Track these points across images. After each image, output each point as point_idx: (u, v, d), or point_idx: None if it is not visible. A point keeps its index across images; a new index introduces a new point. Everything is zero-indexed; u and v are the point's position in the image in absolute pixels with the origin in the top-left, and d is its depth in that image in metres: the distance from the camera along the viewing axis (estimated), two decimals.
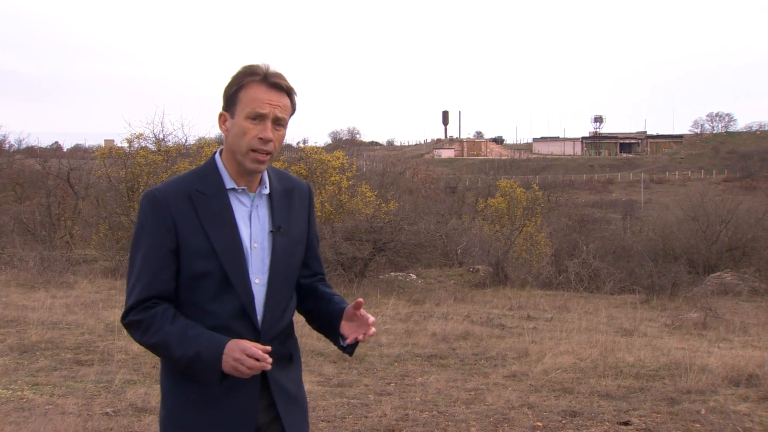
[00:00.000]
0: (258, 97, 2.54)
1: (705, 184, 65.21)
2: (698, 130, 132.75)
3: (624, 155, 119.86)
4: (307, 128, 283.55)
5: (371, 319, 2.67)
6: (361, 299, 2.63)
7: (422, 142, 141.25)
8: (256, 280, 2.57)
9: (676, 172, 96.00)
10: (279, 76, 2.59)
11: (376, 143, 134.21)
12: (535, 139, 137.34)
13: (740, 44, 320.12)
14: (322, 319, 2.80)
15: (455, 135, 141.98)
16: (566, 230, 27.74)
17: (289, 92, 2.62)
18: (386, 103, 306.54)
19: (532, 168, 74.87)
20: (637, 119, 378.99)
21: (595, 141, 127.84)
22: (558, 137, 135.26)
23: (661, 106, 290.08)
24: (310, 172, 20.09)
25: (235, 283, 2.52)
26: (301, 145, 74.60)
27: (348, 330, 2.69)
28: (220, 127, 2.65)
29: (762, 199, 41.80)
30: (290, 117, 2.66)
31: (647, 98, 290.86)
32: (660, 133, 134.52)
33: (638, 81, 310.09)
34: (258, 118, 2.54)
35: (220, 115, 2.64)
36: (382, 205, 20.18)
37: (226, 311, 2.52)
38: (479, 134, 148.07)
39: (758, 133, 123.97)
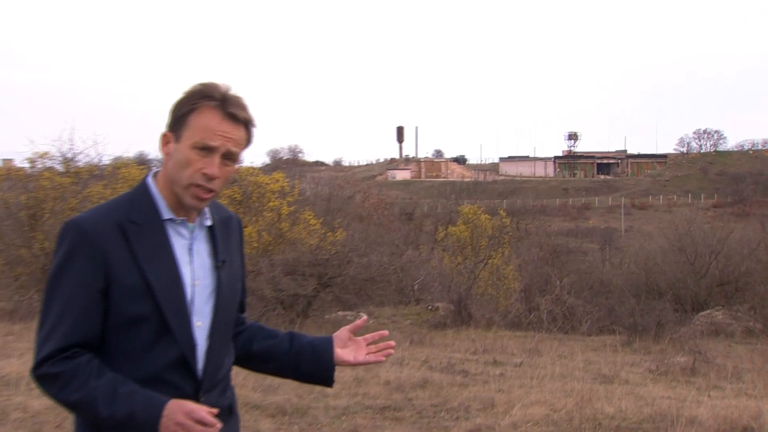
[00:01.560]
0: (210, 126, 2.50)
1: (692, 209, 65.81)
2: (684, 149, 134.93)
3: (602, 177, 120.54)
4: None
5: (384, 331, 2.79)
6: (365, 316, 2.62)
7: (374, 162, 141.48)
8: (198, 323, 2.53)
9: (660, 197, 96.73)
10: (239, 104, 2.54)
11: (322, 163, 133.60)
12: (501, 159, 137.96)
13: (730, 54, 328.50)
14: (290, 357, 2.81)
15: (411, 154, 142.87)
16: (537, 262, 27.65)
17: (247, 124, 2.58)
18: (333, 118, 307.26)
19: (498, 191, 75.18)
20: (617, 137, 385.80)
21: (569, 161, 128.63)
22: (528, 157, 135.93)
23: (643, 123, 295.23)
24: (245, 197, 20.04)
25: (175, 327, 2.47)
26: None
27: (348, 355, 2.76)
28: (161, 149, 2.60)
29: (756, 226, 41.98)
30: (244, 150, 2.62)
31: (627, 113, 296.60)
32: (642, 152, 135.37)
33: (617, 94, 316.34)
34: (206, 149, 2.50)
35: (163, 136, 2.59)
36: (328, 234, 20.15)
37: (163, 360, 2.47)
38: (439, 153, 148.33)
39: (750, 152, 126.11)
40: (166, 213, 2.55)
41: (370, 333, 2.89)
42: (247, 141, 2.60)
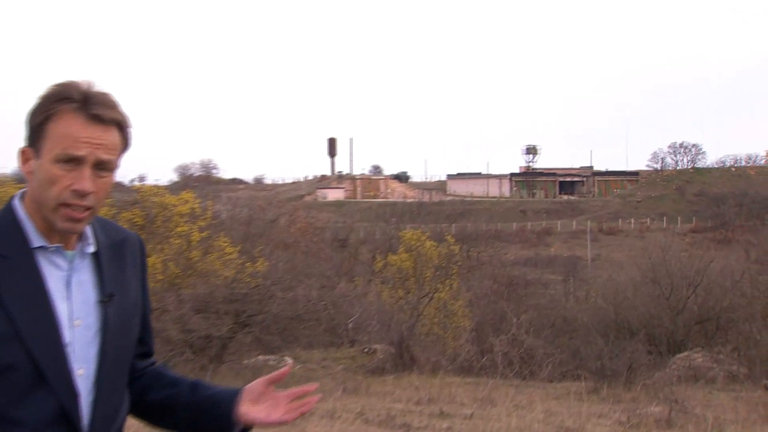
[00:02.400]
0: (72, 133, 2.40)
1: (668, 235, 66.49)
2: (658, 166, 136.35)
3: (565, 197, 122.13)
4: (146, 161, 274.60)
5: (311, 385, 2.69)
6: (290, 363, 2.58)
7: (302, 180, 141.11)
8: (80, 371, 2.43)
9: (631, 220, 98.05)
10: (104, 103, 2.45)
11: (240, 181, 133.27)
12: (449, 176, 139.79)
13: (709, 60, 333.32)
14: (188, 411, 2.72)
15: (345, 170, 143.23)
16: (491, 297, 27.74)
17: (119, 124, 2.49)
18: (253, 129, 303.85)
19: (446, 214, 75.19)
20: (581, 151, 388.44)
21: (527, 179, 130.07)
22: (480, 174, 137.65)
23: (612, 135, 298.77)
24: (148, 221, 19.74)
25: (51, 376, 2.37)
26: (137, 183, 72.40)
27: (260, 413, 2.65)
28: (21, 168, 2.52)
29: (739, 255, 43.34)
30: (121, 156, 2.53)
31: (594, 125, 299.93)
32: (610, 168, 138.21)
33: (582, 103, 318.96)
34: (72, 161, 2.41)
35: (21, 152, 2.50)
36: (247, 264, 20.07)
37: (38, 417, 2.35)
38: (377, 169, 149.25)
39: (733, 169, 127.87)
40: (37, 240, 2.44)
41: (299, 384, 2.83)
42: (124, 145, 2.50)
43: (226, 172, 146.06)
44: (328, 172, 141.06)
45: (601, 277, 36.18)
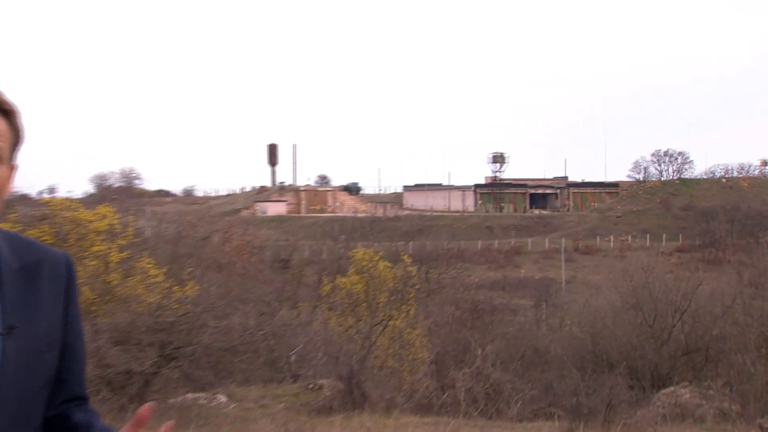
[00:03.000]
0: None
1: (651, 254, 67.24)
2: (641, 176, 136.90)
3: (536, 212, 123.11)
4: (56, 170, 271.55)
5: (168, 423, 2.60)
6: (149, 405, 2.49)
7: (238, 192, 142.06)
8: None
9: (611, 237, 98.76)
10: None
11: (167, 193, 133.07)
12: (406, 188, 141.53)
13: (696, 59, 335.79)
14: None
15: (288, 181, 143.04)
16: (453, 325, 27.92)
17: (6, 113, 2.44)
18: (182, 134, 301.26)
19: (402, 231, 75.24)
20: (555, 160, 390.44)
21: (494, 191, 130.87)
22: (440, 185, 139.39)
23: (589, 143, 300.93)
24: (58, 239, 19.23)
25: None
26: (46, 196, 70.15)
27: None
28: None
29: (732, 277, 43.47)
30: (13, 148, 2.46)
31: (568, 131, 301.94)
32: (587, 179, 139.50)
33: (555, 107, 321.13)
34: None
35: None
36: (175, 289, 19.87)
37: None
38: (324, 180, 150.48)
39: (724, 180, 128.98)
40: None
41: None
42: (15, 133, 2.44)
43: (150, 183, 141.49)
44: (268, 183, 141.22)
45: (577, 303, 36.38)
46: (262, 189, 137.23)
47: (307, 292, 35.91)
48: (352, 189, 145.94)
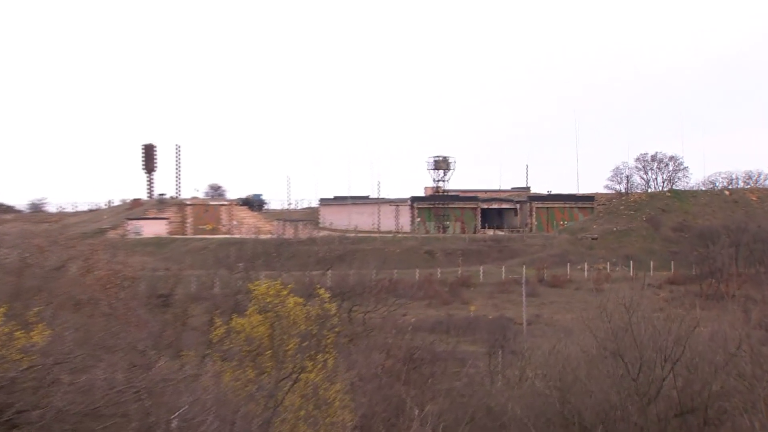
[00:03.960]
0: None
1: (636, 287, 62.54)
2: (622, 187, 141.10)
3: (490, 232, 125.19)
4: None
5: None
6: None
7: (104, 207, 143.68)
8: None
9: (585, 265, 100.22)
10: None
11: (8, 208, 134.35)
12: (324, 202, 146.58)
13: (693, 43, 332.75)
14: None
15: (170, 193, 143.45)
16: (383, 378, 27.80)
17: None
18: (28, 134, 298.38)
19: (318, 257, 76.17)
20: (514, 167, 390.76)
21: (436, 205, 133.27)
22: (367, 198, 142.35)
23: (557, 145, 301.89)
24: None
25: None
26: None
27: None
28: None
29: (736, 316, 42.47)
30: None
31: (531, 131, 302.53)
32: (554, 191, 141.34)
33: (513, 102, 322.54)
34: None
35: None
36: (18, 334, 19.42)
37: None
38: (217, 191, 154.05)
39: (726, 193, 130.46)
40: None
41: None
42: None
43: None
44: (143, 195, 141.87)
45: (542, 349, 36.14)
46: (136, 203, 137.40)
47: (194, 336, 35.56)
48: (254, 203, 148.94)
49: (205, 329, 35.68)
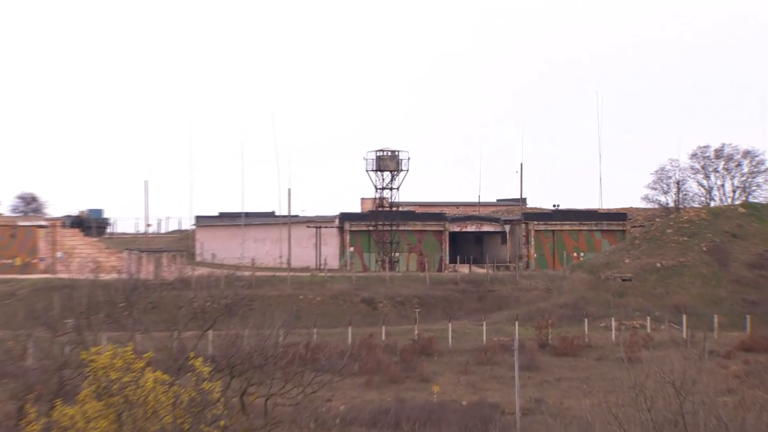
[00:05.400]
0: None
1: (691, 357, 63.71)
2: (669, 198, 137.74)
3: (464, 269, 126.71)
4: None
5: None
6: None
7: None
8: None
9: (611, 321, 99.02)
10: None
11: None
12: (202, 222, 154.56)
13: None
14: None
15: None
16: None
17: None
18: None
19: (192, 308, 74.03)
20: (500, 168, 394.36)
21: (378, 227, 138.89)
22: (272, 215, 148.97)
23: (564, 135, 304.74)
24: None
25: None
26: None
27: None
28: None
29: None
30: None
31: (525, 113, 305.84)
32: (564, 205, 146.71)
33: (498, 72, 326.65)
34: None
35: None
36: None
37: None
38: (29, 205, 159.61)
39: None
40: None
41: None
42: None
43: None
44: None
45: None
46: None
47: None
48: (91, 224, 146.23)
49: (10, 425, 39.22)
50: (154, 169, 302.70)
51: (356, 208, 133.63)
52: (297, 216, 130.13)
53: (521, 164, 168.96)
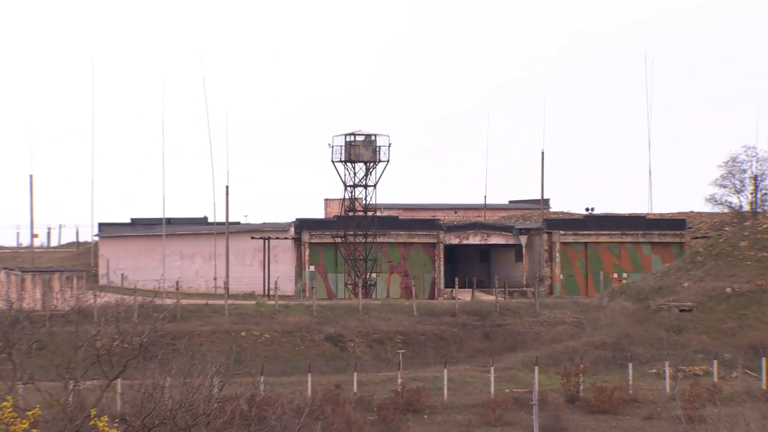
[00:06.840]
0: None
1: None
2: (743, 200, 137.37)
3: (465, 295, 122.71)
4: None
5: None
6: None
7: None
8: None
9: (665, 367, 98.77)
10: None
11: None
12: (108, 232, 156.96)
13: None
14: None
15: None
16: None
17: None
18: None
19: (96, 348, 75.46)
20: (512, 161, 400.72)
21: (347, 238, 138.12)
22: (204, 221, 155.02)
23: (600, 115, 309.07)
24: None
25: None
26: None
27: None
28: None
29: None
30: None
31: (546, 84, 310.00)
32: (600, 209, 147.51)
33: (507, 34, 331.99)
34: None
35: None
36: None
37: None
38: None
39: None
40: None
41: None
42: None
43: None
44: None
45: None
46: None
47: None
48: None
49: None
50: (43, 160, 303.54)
51: (319, 213, 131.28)
52: (238, 223, 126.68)
53: (542, 152, 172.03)
